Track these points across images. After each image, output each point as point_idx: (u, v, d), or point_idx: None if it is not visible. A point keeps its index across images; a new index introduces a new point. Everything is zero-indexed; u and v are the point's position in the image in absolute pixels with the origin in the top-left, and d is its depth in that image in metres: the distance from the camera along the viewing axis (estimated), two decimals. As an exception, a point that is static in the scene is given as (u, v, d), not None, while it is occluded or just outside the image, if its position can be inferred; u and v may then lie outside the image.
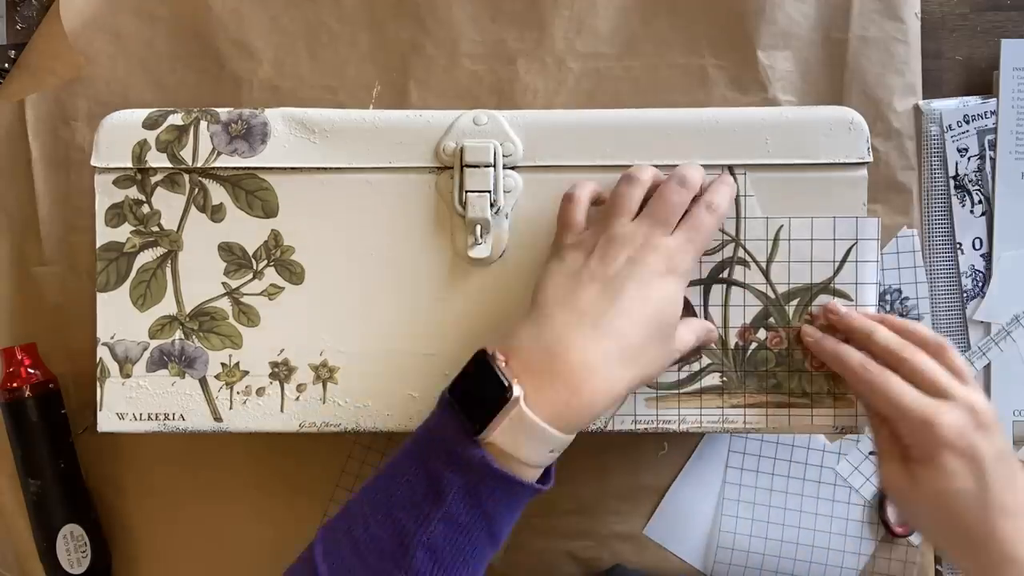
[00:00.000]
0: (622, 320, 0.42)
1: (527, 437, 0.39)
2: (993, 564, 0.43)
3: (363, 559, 0.39)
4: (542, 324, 0.42)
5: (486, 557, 0.41)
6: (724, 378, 0.50)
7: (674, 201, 0.45)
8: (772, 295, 0.50)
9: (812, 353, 0.49)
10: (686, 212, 0.46)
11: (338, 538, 0.41)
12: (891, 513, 0.59)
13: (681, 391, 0.50)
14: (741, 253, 0.50)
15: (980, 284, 0.60)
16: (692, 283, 0.50)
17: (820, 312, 0.49)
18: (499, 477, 0.39)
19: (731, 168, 0.50)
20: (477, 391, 0.40)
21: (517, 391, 0.39)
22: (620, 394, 0.42)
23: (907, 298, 0.59)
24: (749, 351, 0.50)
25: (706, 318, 0.50)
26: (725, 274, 0.50)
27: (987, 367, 0.59)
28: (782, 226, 0.50)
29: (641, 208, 0.46)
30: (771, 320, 0.50)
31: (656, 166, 0.50)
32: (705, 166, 0.50)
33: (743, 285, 0.50)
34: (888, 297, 0.60)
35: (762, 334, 0.50)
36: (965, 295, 0.60)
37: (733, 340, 0.50)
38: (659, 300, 0.43)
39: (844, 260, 0.50)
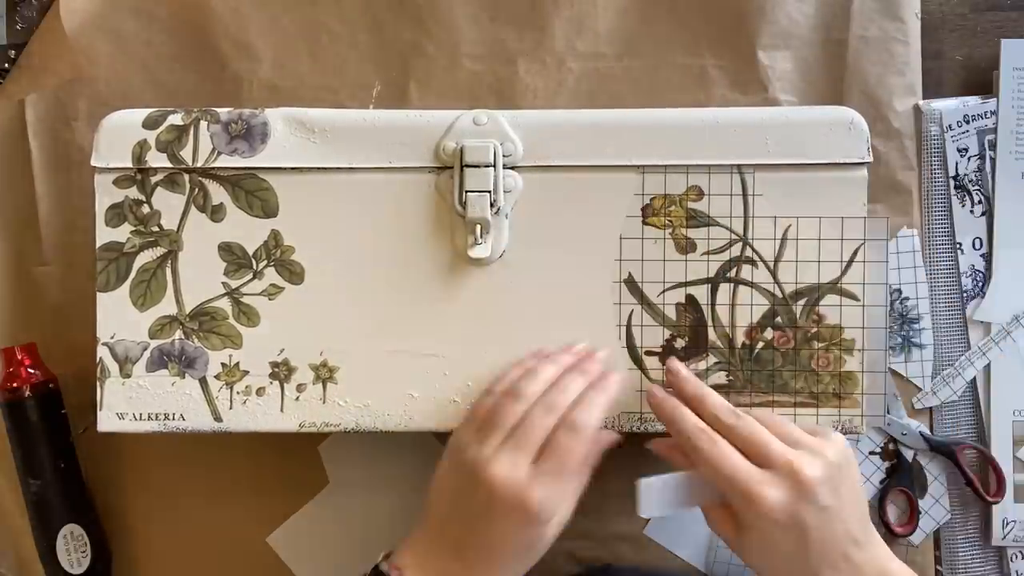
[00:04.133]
0: (486, 565, 0.45)
1: None
2: None
3: None
4: (427, 552, 0.46)
5: None
6: (730, 377, 0.50)
7: (536, 425, 0.45)
8: (779, 294, 0.50)
9: (654, 412, 0.48)
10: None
11: None
12: (891, 513, 0.59)
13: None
14: (749, 252, 0.50)
15: (980, 284, 0.60)
16: (699, 282, 0.51)
17: (666, 371, 0.50)
18: None
19: (739, 168, 0.50)
20: None
21: None
22: None
23: (907, 298, 0.59)
24: (756, 350, 0.50)
25: (713, 317, 0.50)
26: (732, 273, 0.50)
27: (987, 367, 0.59)
28: (790, 225, 0.50)
29: None
30: (778, 320, 0.50)
31: (657, 166, 0.50)
32: (705, 166, 0.50)
33: (750, 284, 0.50)
34: (889, 297, 0.60)
35: (769, 333, 0.50)
36: (965, 295, 0.60)
37: (740, 339, 0.50)
38: (519, 549, 0.45)
39: (852, 260, 0.50)
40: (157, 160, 0.51)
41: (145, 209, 0.51)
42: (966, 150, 0.59)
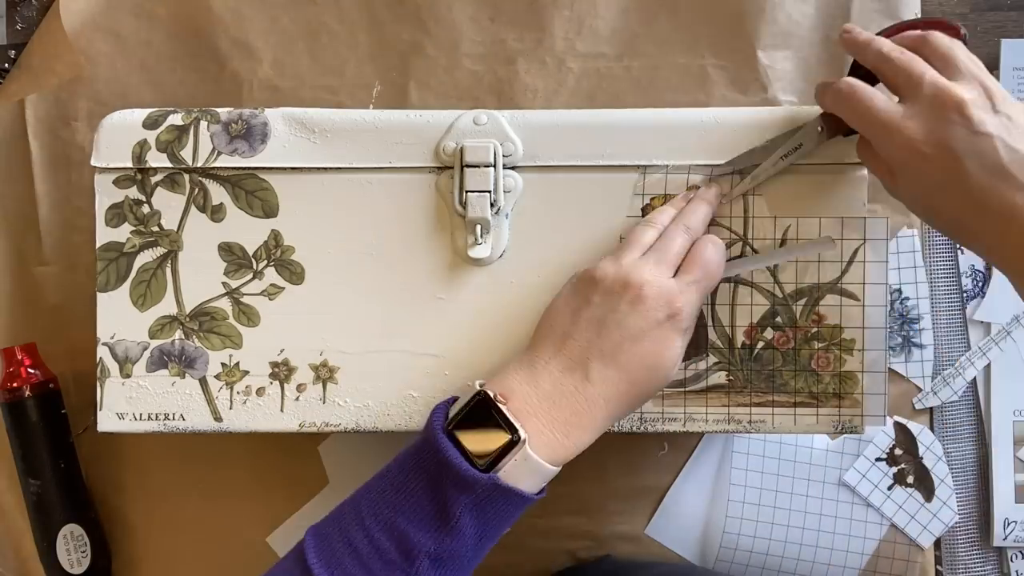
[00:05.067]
0: (611, 373, 0.44)
1: (527, 473, 0.42)
2: (995, 244, 0.42)
3: (366, 566, 0.41)
4: (539, 370, 0.44)
5: (478, 561, 0.44)
6: (730, 377, 0.50)
7: (675, 240, 0.46)
8: (779, 294, 0.50)
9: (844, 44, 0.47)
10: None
11: (334, 545, 0.42)
12: None
13: (687, 390, 0.50)
14: (749, 252, 0.50)
15: (980, 284, 0.60)
16: None
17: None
18: (507, 493, 0.42)
19: (741, 170, 0.50)
20: (481, 428, 0.43)
21: (523, 435, 0.42)
22: (603, 429, 0.44)
23: (907, 298, 0.59)
24: (755, 350, 0.50)
25: (712, 317, 0.50)
26: (732, 273, 0.50)
27: (987, 367, 0.59)
28: (790, 226, 0.50)
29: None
30: (778, 319, 0.50)
31: (657, 166, 0.50)
32: (706, 166, 0.50)
33: (750, 284, 0.50)
34: (889, 297, 0.60)
35: (769, 333, 0.50)
36: (965, 295, 0.60)
37: (740, 339, 0.50)
38: (654, 350, 0.44)
39: (852, 260, 0.50)
40: (157, 160, 0.51)
41: (145, 209, 0.51)
42: (966, 150, 0.59)
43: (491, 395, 0.43)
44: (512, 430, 0.42)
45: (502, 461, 0.42)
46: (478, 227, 0.50)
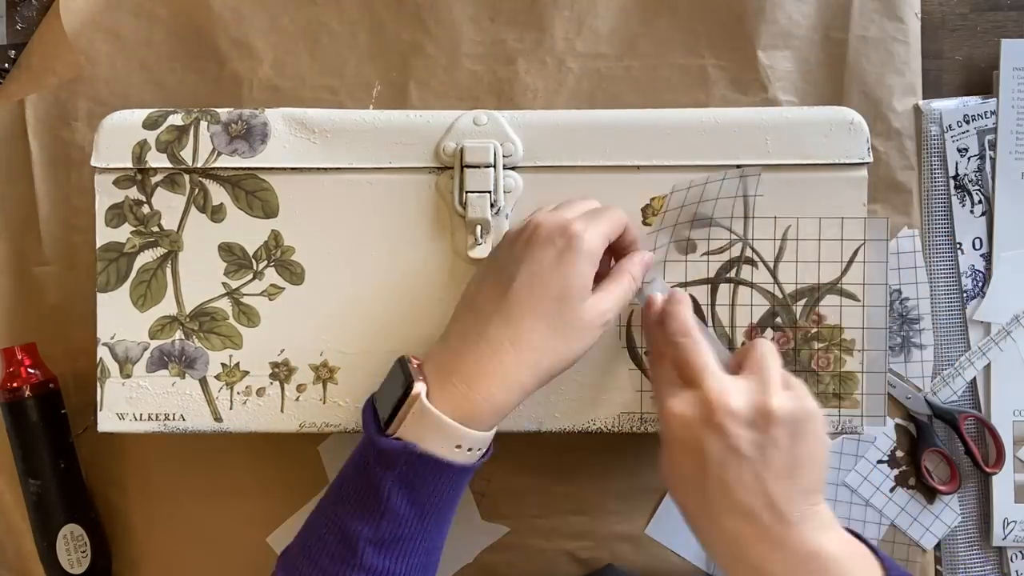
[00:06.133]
0: (513, 311, 0.42)
1: (430, 431, 0.41)
2: (730, 564, 0.42)
3: (316, 564, 0.41)
4: (450, 331, 0.45)
5: (439, 537, 0.43)
6: (727, 377, 0.50)
7: (576, 204, 0.47)
8: (779, 295, 0.50)
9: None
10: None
11: (294, 553, 0.44)
12: (932, 473, 0.59)
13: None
14: (748, 252, 0.50)
15: (980, 284, 0.60)
16: (699, 282, 0.51)
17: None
18: (426, 462, 0.40)
19: (742, 168, 0.50)
20: (390, 391, 0.42)
21: (418, 387, 0.41)
22: (521, 384, 0.42)
23: (907, 298, 0.59)
24: (752, 351, 0.50)
25: (713, 317, 0.50)
26: (732, 273, 0.50)
27: (987, 367, 0.59)
28: (790, 226, 0.50)
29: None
30: (778, 320, 0.50)
31: (657, 166, 0.50)
32: (706, 166, 0.50)
33: (750, 284, 0.50)
34: (888, 297, 0.60)
35: (769, 334, 0.50)
36: (965, 295, 0.60)
37: (740, 339, 0.50)
38: (556, 280, 0.42)
39: (852, 260, 0.50)
40: (157, 160, 0.51)
41: (145, 209, 0.51)
42: (966, 150, 0.59)
43: (407, 357, 0.43)
44: (408, 382, 0.41)
45: (398, 416, 0.41)
46: (478, 227, 0.50)
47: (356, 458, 0.43)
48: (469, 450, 0.42)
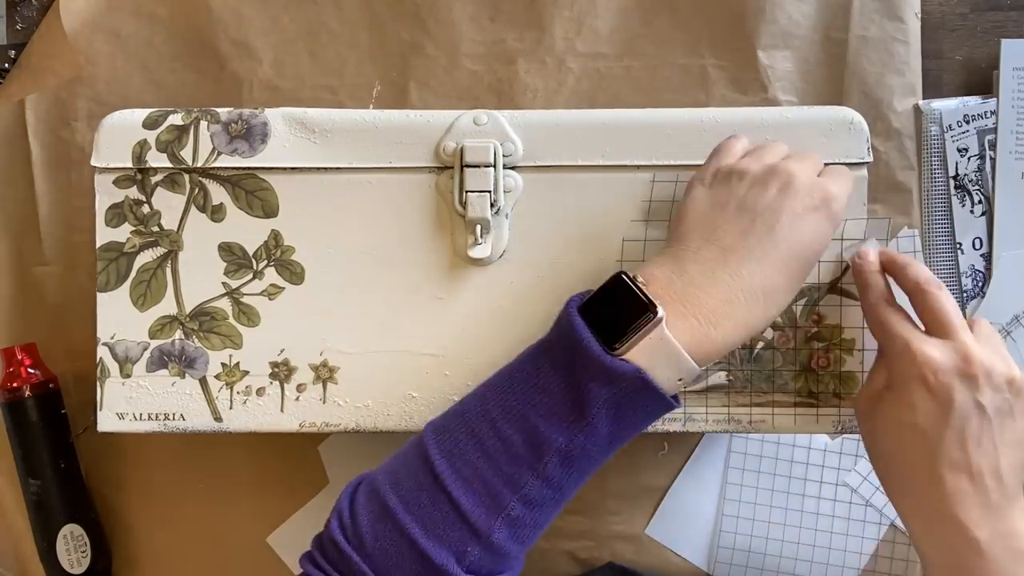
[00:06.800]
0: (769, 259, 0.41)
1: (663, 360, 0.39)
2: (930, 518, 0.42)
3: (492, 461, 0.39)
4: (685, 258, 0.41)
5: (602, 463, 0.41)
6: (730, 377, 0.50)
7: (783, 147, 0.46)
8: None
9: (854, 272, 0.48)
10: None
11: (456, 437, 0.41)
12: None
13: (687, 390, 0.50)
14: None
15: (980, 284, 0.60)
16: None
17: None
18: (649, 391, 0.39)
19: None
20: (615, 311, 0.40)
21: (662, 312, 0.39)
22: (757, 329, 0.42)
23: (907, 298, 0.59)
24: (756, 350, 0.50)
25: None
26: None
27: (987, 367, 0.59)
28: None
29: None
30: (778, 319, 0.50)
31: (657, 166, 0.50)
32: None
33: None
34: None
35: (769, 333, 0.50)
36: (965, 295, 0.60)
37: None
38: (808, 238, 0.42)
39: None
40: (157, 160, 0.51)
41: (145, 209, 0.51)
42: (966, 150, 0.59)
43: (629, 275, 0.40)
44: (649, 306, 0.39)
45: (633, 338, 0.38)
46: (478, 227, 0.50)
47: (558, 361, 0.40)
48: (680, 380, 0.40)
